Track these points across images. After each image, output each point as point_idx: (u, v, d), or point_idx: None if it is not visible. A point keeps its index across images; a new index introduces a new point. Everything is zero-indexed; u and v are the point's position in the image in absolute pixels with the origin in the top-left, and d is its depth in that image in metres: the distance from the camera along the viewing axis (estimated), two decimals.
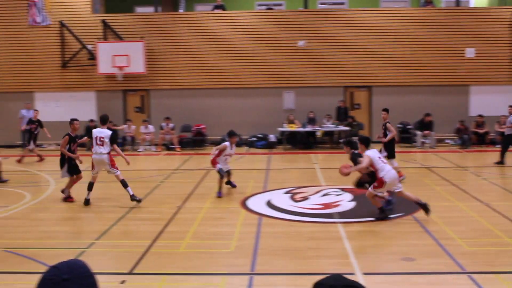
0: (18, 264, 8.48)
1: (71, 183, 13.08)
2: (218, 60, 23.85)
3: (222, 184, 13.30)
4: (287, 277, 7.76)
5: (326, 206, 12.01)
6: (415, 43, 23.50)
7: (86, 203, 12.41)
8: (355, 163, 11.08)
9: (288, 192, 13.49)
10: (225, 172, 13.43)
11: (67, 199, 12.90)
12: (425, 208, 10.55)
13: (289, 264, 8.27)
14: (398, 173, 15.45)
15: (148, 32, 23.92)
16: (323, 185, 14.50)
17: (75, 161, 13.05)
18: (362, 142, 11.27)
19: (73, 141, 12.98)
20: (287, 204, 12.15)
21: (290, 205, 12.08)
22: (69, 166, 12.93)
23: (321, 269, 7.91)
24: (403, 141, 23.00)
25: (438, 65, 23.45)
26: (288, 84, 23.92)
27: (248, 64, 23.79)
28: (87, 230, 10.52)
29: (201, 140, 23.29)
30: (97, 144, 12.40)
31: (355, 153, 11.37)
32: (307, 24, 23.79)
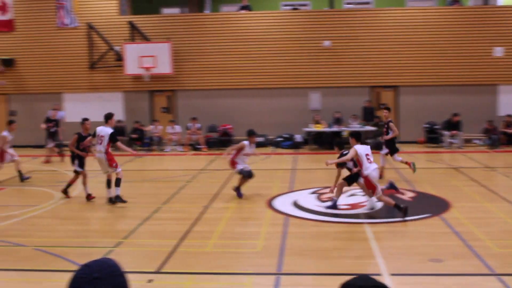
0: (47, 262, 8.60)
1: (74, 180, 13.50)
2: (244, 61, 23.88)
3: (243, 184, 13.11)
4: (314, 277, 7.75)
5: (353, 207, 11.96)
6: (442, 42, 23.23)
7: (115, 200, 12.50)
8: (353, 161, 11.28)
9: (314, 193, 13.46)
10: (248, 172, 13.05)
11: (90, 197, 13.17)
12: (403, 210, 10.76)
13: (316, 264, 8.26)
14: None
15: (175, 33, 24.05)
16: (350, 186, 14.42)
17: (84, 159, 13.35)
18: (353, 136, 11.40)
19: (83, 140, 13.36)
20: (313, 204, 12.13)
21: (317, 206, 12.06)
22: (80, 161, 13.34)
23: (348, 270, 7.88)
24: (430, 141, 22.77)
25: (466, 65, 23.15)
26: (314, 84, 23.85)
27: (274, 65, 23.77)
28: (115, 229, 10.62)
29: (228, 140, 23.30)
30: (98, 143, 12.78)
31: (344, 154, 11.61)
32: (333, 24, 23.69)
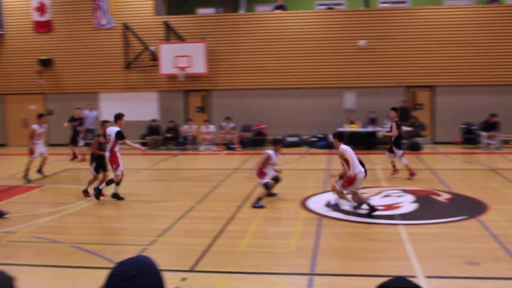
0: (83, 259, 8.73)
1: (94, 180, 13.68)
2: (279, 60, 23.87)
3: (265, 197, 12.59)
4: (347, 278, 7.70)
5: (388, 208, 11.85)
6: (480, 41, 22.82)
7: (96, 193, 13.15)
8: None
9: (349, 193, 13.34)
10: (272, 185, 12.68)
11: (85, 194, 13.58)
12: (373, 210, 11.01)
13: (349, 265, 8.20)
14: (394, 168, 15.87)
15: (210, 33, 24.17)
16: (384, 186, 14.32)
17: (103, 162, 13.56)
18: (335, 137, 11.41)
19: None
20: (348, 205, 12.04)
21: (351, 206, 11.96)
22: (97, 164, 13.54)
23: (382, 271, 7.81)
24: (467, 142, 22.41)
25: (504, 64, 22.69)
26: (349, 84, 23.70)
27: (309, 64, 23.71)
28: (149, 228, 10.71)
29: (262, 140, 23.36)
30: (107, 143, 13.16)
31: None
32: (368, 24, 23.50)
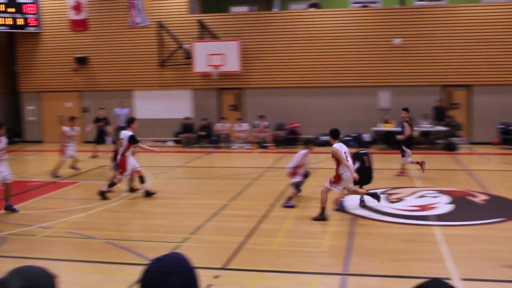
0: (117, 255, 8.82)
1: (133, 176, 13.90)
2: (313, 59, 23.75)
3: (295, 196, 12.67)
4: (381, 279, 7.62)
5: (423, 208, 11.68)
6: None
7: (102, 194, 13.22)
8: (360, 160, 11.61)
9: (383, 193, 13.22)
10: (300, 185, 12.70)
11: (133, 190, 13.91)
12: (376, 197, 11.26)
13: (383, 266, 8.11)
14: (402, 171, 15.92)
15: (243, 31, 24.19)
16: (419, 187, 14.14)
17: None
18: (331, 134, 11.27)
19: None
20: (382, 205, 11.92)
21: (385, 206, 11.86)
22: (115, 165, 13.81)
23: (416, 273, 7.71)
24: (505, 143, 21.95)
25: None
26: (384, 83, 23.46)
27: (343, 63, 23.54)
28: (182, 225, 10.76)
29: (295, 139, 23.28)
30: (120, 146, 13.35)
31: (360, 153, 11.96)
32: (404, 22, 23.22)
